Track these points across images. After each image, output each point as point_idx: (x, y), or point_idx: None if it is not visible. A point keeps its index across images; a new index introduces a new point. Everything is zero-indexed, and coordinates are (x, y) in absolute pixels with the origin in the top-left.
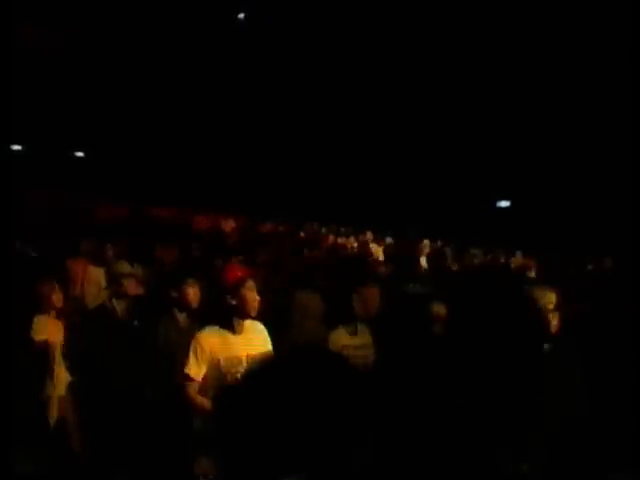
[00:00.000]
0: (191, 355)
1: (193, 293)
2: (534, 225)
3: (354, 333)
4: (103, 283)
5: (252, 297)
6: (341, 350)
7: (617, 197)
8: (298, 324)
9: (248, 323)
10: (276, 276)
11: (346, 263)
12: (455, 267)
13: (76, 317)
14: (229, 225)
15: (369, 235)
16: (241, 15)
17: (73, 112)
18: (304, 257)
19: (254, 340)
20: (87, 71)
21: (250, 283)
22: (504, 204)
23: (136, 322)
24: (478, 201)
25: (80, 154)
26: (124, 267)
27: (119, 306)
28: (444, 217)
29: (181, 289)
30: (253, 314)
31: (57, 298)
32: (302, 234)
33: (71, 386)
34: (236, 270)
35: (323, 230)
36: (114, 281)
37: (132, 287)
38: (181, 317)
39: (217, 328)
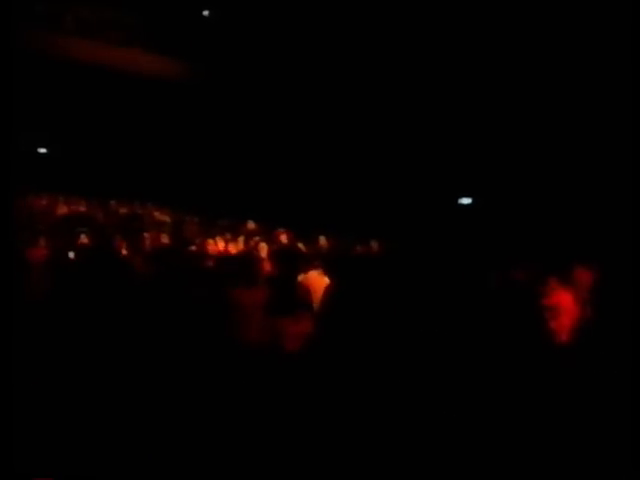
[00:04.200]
0: None
1: None
2: (497, 223)
3: (297, 320)
4: None
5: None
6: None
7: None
8: None
9: None
10: None
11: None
12: None
13: None
14: None
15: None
16: (206, 12)
17: (36, 109)
18: None
19: None
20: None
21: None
22: (466, 201)
23: None
24: (439, 198)
25: (43, 150)
26: None
27: None
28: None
29: None
30: None
31: None
32: None
33: None
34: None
35: None
36: None
37: None
38: None
39: None
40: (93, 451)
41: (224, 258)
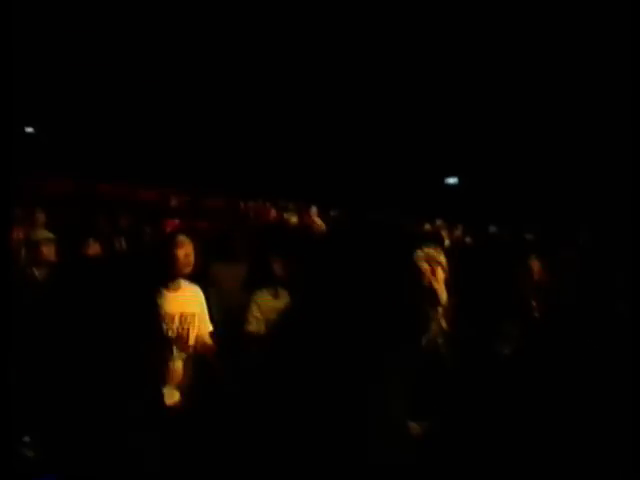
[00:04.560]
0: None
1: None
2: (482, 202)
3: (275, 296)
4: None
5: (182, 254)
6: (267, 314)
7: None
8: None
9: (183, 281)
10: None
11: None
12: None
13: None
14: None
15: (313, 210)
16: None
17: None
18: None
19: (188, 299)
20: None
21: (179, 239)
22: (452, 181)
23: None
24: (426, 178)
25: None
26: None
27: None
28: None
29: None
30: (185, 271)
31: None
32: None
33: None
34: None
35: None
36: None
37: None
38: None
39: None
40: (93, 451)
41: (208, 234)
